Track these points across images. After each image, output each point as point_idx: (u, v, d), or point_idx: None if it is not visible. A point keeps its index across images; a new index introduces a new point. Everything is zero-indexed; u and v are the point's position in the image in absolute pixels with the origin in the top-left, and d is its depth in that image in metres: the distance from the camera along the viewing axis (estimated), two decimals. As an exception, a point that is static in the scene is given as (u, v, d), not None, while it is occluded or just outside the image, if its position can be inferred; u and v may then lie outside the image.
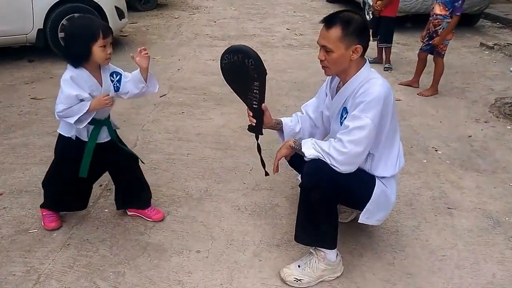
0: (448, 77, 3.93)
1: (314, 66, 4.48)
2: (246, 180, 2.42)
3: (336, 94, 1.70)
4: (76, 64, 1.67)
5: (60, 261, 1.78)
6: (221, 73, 1.73)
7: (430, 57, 3.73)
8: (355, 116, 1.53)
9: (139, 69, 1.76)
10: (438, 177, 2.46)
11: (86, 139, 1.77)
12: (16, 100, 3.51)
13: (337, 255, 1.71)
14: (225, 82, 1.75)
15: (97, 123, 1.77)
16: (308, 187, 1.61)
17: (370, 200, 1.63)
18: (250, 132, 1.84)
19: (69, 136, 1.77)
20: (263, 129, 1.83)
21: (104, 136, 1.83)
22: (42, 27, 4.29)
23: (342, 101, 1.65)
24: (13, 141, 2.82)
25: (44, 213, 1.96)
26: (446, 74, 3.77)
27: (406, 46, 5.32)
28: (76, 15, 1.63)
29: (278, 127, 1.90)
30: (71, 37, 1.67)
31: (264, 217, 2.09)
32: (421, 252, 1.85)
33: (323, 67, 1.63)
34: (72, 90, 1.64)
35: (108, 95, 1.71)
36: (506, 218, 2.09)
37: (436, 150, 2.77)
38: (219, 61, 1.72)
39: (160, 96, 3.61)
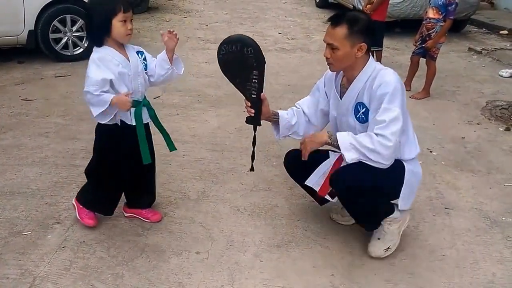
0: (438, 81, 4.00)
1: (307, 69, 4.50)
2: (244, 181, 2.40)
3: (344, 93, 1.72)
4: (99, 40, 1.64)
5: (56, 263, 1.73)
6: (219, 65, 1.69)
7: (421, 61, 3.79)
8: (387, 109, 1.56)
9: (165, 49, 1.77)
10: (434, 178, 2.48)
11: (131, 122, 1.73)
12: (6, 101, 3.43)
13: (396, 207, 1.75)
14: (223, 73, 1.72)
15: (138, 104, 1.73)
16: (350, 200, 1.70)
17: (403, 184, 1.69)
18: (248, 123, 1.79)
19: (114, 123, 1.71)
20: (261, 120, 1.79)
21: (145, 117, 1.79)
22: (33, 29, 4.22)
23: (354, 97, 1.68)
24: (4, 142, 2.75)
25: (80, 208, 1.92)
26: (436, 78, 3.83)
27: (396, 51, 5.41)
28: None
29: (274, 118, 1.88)
30: (91, 10, 1.65)
31: (263, 217, 2.08)
32: (421, 252, 1.86)
33: (328, 64, 1.67)
34: (98, 73, 1.60)
35: (131, 93, 1.69)
36: (503, 218, 2.12)
37: (431, 152, 2.80)
38: (217, 53, 1.67)
39: (154, 98, 3.56)
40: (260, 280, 1.69)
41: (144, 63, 1.77)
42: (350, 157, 1.59)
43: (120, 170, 1.81)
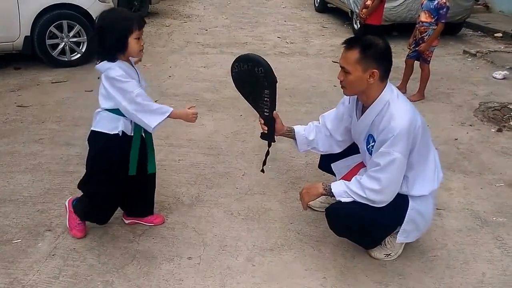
0: (433, 83, 4.02)
1: (304, 73, 4.53)
2: (239, 185, 2.40)
3: (361, 115, 1.70)
4: (113, 56, 1.63)
5: (45, 271, 1.72)
6: (232, 82, 1.76)
7: (416, 63, 3.82)
8: (384, 153, 1.55)
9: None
10: (427, 180, 2.49)
11: (130, 133, 1.73)
12: (1, 108, 3.43)
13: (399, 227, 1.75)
14: (237, 90, 1.78)
15: None
16: (341, 235, 1.77)
17: (404, 221, 1.68)
18: (263, 139, 1.87)
19: (115, 133, 1.68)
20: (275, 136, 1.86)
21: (143, 130, 1.79)
22: (29, 34, 4.23)
23: (367, 126, 1.66)
24: (-2, 149, 2.76)
25: (71, 215, 1.90)
26: (431, 80, 3.85)
27: (392, 54, 5.42)
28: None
29: (290, 134, 1.92)
30: (106, 28, 1.62)
31: (257, 221, 2.08)
32: (412, 253, 1.86)
33: (342, 87, 1.66)
34: (130, 81, 1.62)
35: (194, 106, 1.75)
36: (494, 218, 2.13)
37: (424, 154, 2.81)
38: (230, 70, 1.74)
39: (150, 103, 3.58)
40: (252, 284, 1.68)
41: None
42: (345, 200, 1.65)
43: (113, 178, 1.79)
